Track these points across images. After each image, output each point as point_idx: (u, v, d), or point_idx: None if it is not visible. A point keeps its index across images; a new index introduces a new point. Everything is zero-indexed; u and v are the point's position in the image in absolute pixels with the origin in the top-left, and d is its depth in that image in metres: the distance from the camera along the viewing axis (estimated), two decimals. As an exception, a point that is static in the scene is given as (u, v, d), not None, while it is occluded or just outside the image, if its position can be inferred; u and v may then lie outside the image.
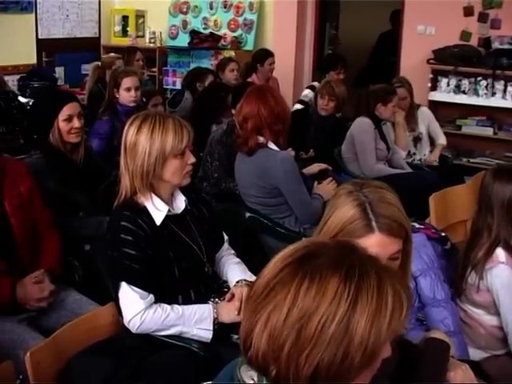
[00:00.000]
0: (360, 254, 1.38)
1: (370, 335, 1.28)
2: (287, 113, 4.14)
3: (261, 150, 4.05)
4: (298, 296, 1.29)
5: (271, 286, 1.33)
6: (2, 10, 8.79)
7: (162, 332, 2.78)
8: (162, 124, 2.83)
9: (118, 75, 5.47)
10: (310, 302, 1.28)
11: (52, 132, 3.91)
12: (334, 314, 1.27)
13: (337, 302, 1.27)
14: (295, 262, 1.34)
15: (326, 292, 1.28)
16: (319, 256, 1.34)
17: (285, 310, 1.29)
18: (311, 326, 1.27)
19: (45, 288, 3.24)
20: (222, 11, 9.57)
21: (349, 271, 1.30)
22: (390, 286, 1.32)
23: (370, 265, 1.34)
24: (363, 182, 2.07)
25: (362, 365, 1.29)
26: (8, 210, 3.30)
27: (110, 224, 2.91)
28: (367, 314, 1.28)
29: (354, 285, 1.29)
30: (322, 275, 1.30)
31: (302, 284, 1.30)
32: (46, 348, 2.51)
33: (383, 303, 1.30)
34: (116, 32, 10.33)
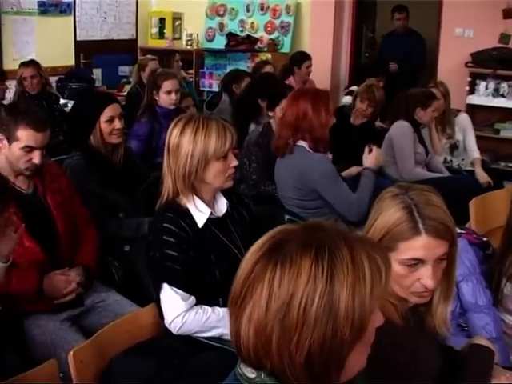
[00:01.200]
0: (327, 230, 1.37)
1: (354, 307, 1.27)
2: (331, 120, 4.14)
3: (297, 152, 4.05)
4: (273, 286, 1.29)
5: (247, 284, 1.34)
6: (42, 12, 8.90)
7: (202, 334, 2.78)
8: (205, 126, 2.83)
9: (157, 78, 5.48)
10: (286, 290, 1.28)
11: (93, 133, 3.95)
12: (313, 295, 1.27)
13: (313, 283, 1.27)
14: (264, 254, 1.34)
15: (300, 275, 1.28)
16: (287, 242, 1.33)
17: (263, 303, 1.30)
18: (293, 313, 1.27)
19: (71, 280, 3.29)
20: (258, 14, 9.57)
21: (318, 249, 1.30)
22: (365, 254, 1.32)
23: (340, 238, 1.33)
24: (408, 185, 2.07)
25: (353, 338, 1.29)
26: (51, 203, 3.37)
27: (153, 225, 2.92)
28: (346, 287, 1.27)
29: (327, 261, 1.28)
30: (293, 260, 1.30)
31: (275, 274, 1.30)
32: (89, 348, 2.54)
33: (360, 273, 1.29)
34: (153, 34, 10.39)
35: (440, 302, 2.06)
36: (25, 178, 3.38)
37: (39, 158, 3.30)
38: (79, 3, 9.44)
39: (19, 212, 3.22)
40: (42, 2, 8.89)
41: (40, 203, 3.37)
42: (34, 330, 3.16)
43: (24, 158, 3.27)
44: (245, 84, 6.73)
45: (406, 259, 1.92)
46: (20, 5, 8.64)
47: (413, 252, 1.92)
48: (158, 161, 5.07)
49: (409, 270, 1.93)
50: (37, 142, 3.29)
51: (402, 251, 1.93)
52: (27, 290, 3.16)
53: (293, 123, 4.05)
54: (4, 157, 3.32)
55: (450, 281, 2.06)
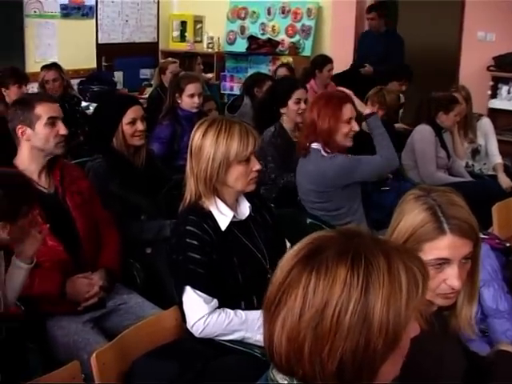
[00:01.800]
0: (364, 237, 1.36)
1: (389, 318, 1.26)
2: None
3: (314, 155, 4.05)
4: (308, 293, 1.28)
5: (282, 290, 1.32)
6: (64, 15, 8.98)
7: (225, 337, 2.78)
8: (227, 129, 2.83)
9: (181, 80, 5.49)
10: (320, 298, 1.27)
11: (116, 135, 3.97)
12: (347, 304, 1.25)
13: (347, 292, 1.26)
14: (300, 260, 1.33)
15: (335, 284, 1.27)
16: (323, 250, 1.32)
17: (297, 310, 1.29)
18: (326, 321, 1.26)
19: (94, 284, 3.30)
20: (279, 17, 9.58)
21: (355, 258, 1.28)
22: (401, 264, 1.30)
23: (377, 247, 1.32)
24: (430, 187, 2.07)
25: (386, 349, 1.28)
26: (70, 204, 3.40)
27: (176, 228, 2.93)
28: (381, 298, 1.26)
29: (363, 271, 1.27)
30: (328, 268, 1.28)
31: (310, 281, 1.28)
32: (111, 350, 2.55)
33: (396, 283, 1.28)
34: (174, 37, 10.44)
35: (464, 303, 2.05)
36: (46, 178, 3.41)
37: (64, 128, 3.39)
38: (101, 6, 9.53)
39: (42, 212, 3.25)
40: (64, 5, 8.97)
41: (60, 204, 3.40)
42: (56, 330, 3.18)
43: (51, 133, 3.35)
44: (266, 87, 6.73)
45: (431, 260, 1.91)
46: (43, 8, 8.72)
47: (438, 252, 1.92)
48: (180, 163, 5.10)
49: (435, 271, 1.92)
50: (56, 111, 3.41)
51: (427, 252, 1.92)
52: (50, 291, 3.17)
53: (308, 127, 4.07)
54: (27, 152, 3.37)
55: (473, 282, 2.05)
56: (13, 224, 2.62)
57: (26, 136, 3.35)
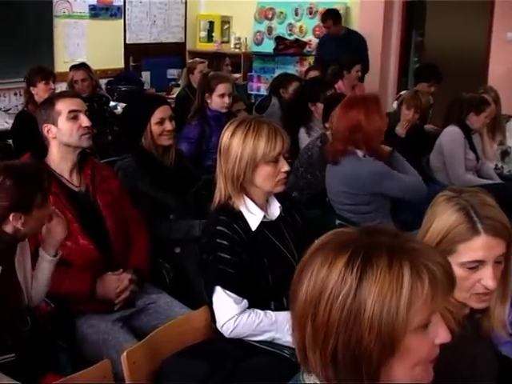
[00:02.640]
0: (382, 236, 1.36)
1: (382, 316, 1.26)
2: (385, 125, 4.10)
3: (351, 158, 4.03)
4: (311, 280, 1.33)
5: (297, 281, 1.40)
6: (93, 15, 9.04)
7: (254, 337, 2.77)
8: (255, 129, 2.81)
9: (211, 80, 5.48)
10: (320, 286, 1.31)
11: (144, 135, 3.98)
12: (338, 294, 1.28)
13: (340, 283, 1.29)
14: (312, 252, 1.38)
15: (331, 273, 1.30)
16: (329, 242, 1.36)
17: (302, 297, 1.34)
18: (321, 309, 1.30)
19: (123, 278, 3.32)
20: (307, 17, 9.57)
21: (355, 251, 1.31)
22: (410, 265, 1.29)
23: (387, 246, 1.32)
24: (460, 188, 2.07)
25: (383, 350, 1.28)
26: (100, 203, 3.42)
27: (206, 228, 2.92)
28: (374, 294, 1.27)
29: (359, 265, 1.29)
30: (329, 257, 1.32)
31: (314, 269, 1.33)
32: (142, 349, 2.55)
33: (395, 283, 1.28)
34: (201, 37, 10.47)
35: (497, 304, 2.03)
36: (77, 177, 3.43)
37: (86, 120, 3.40)
38: (129, 7, 9.58)
39: (73, 209, 3.27)
40: (93, 5, 9.03)
41: (91, 202, 3.42)
42: (86, 329, 3.19)
43: (74, 126, 3.36)
44: (292, 88, 6.73)
45: (466, 261, 1.91)
46: (72, 8, 8.78)
47: (473, 253, 1.91)
48: (208, 163, 5.12)
49: (469, 271, 1.91)
50: (76, 104, 3.43)
51: (461, 253, 1.92)
52: (80, 290, 3.19)
53: (346, 136, 4.01)
54: (56, 150, 3.40)
55: (506, 283, 2.04)
56: (27, 215, 2.63)
57: (52, 134, 3.38)
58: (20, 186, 2.60)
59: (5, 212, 2.59)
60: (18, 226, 2.62)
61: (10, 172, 2.62)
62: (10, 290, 2.75)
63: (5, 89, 8.09)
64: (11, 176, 2.60)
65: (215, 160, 5.10)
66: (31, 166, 2.79)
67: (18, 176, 2.62)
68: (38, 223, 2.76)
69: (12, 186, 2.58)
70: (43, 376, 2.78)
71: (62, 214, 3.22)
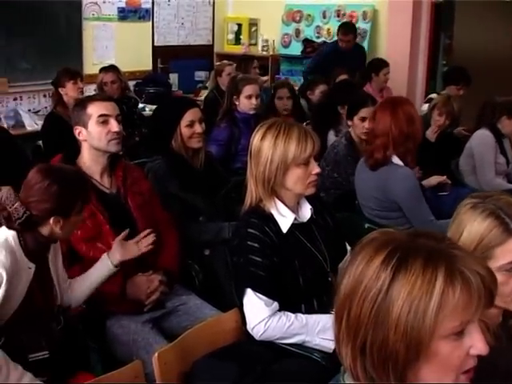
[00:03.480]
0: (429, 239, 1.36)
1: (408, 317, 1.26)
2: (419, 132, 4.06)
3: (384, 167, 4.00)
4: (351, 274, 1.35)
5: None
6: (121, 18, 9.08)
7: (285, 340, 2.77)
8: (286, 132, 2.82)
9: (238, 82, 5.51)
10: (355, 280, 1.33)
11: (174, 137, 3.99)
12: (369, 291, 1.30)
13: (373, 280, 1.30)
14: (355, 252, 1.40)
15: (367, 269, 1.32)
16: (372, 240, 1.38)
17: (343, 291, 1.36)
18: (355, 302, 1.31)
19: (153, 280, 3.33)
20: (335, 20, 9.53)
21: (392, 251, 1.32)
22: (445, 270, 1.29)
23: (424, 249, 1.32)
24: (483, 194, 2.06)
25: (408, 353, 1.28)
26: (131, 204, 3.44)
27: (237, 230, 2.93)
28: (403, 294, 1.27)
29: (393, 265, 1.30)
30: (367, 255, 1.34)
31: (353, 265, 1.36)
32: (173, 350, 2.57)
33: (425, 287, 1.28)
34: (229, 40, 10.47)
35: None
36: (108, 178, 3.45)
37: (116, 125, 3.40)
38: (157, 9, 9.61)
39: (104, 211, 3.29)
40: (121, 8, 9.08)
41: (122, 204, 3.44)
42: (116, 329, 3.20)
43: (103, 131, 3.37)
44: (319, 90, 6.72)
45: (505, 264, 1.89)
46: (101, 11, 8.83)
47: (511, 254, 1.90)
48: (237, 166, 5.13)
49: (508, 275, 1.90)
50: (107, 108, 3.42)
51: (499, 257, 1.91)
52: (111, 291, 3.21)
53: (384, 137, 3.98)
54: (87, 152, 3.42)
55: None
56: (66, 220, 2.67)
57: (83, 136, 3.40)
58: (65, 193, 2.65)
59: (46, 214, 2.63)
60: (57, 229, 2.66)
61: (58, 177, 2.67)
62: (44, 289, 2.78)
63: (34, 91, 8.16)
64: (58, 181, 2.65)
65: (244, 162, 5.14)
66: (77, 174, 2.84)
67: (64, 182, 2.67)
68: (73, 228, 2.83)
69: (57, 191, 2.62)
70: (74, 374, 2.81)
71: (94, 216, 3.26)
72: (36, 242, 2.68)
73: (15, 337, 2.62)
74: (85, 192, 2.78)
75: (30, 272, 2.67)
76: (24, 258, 2.65)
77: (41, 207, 2.62)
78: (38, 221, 2.65)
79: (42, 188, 2.63)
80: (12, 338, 2.60)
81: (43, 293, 2.76)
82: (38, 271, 2.70)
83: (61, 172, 2.74)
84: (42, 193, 2.62)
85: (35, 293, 2.70)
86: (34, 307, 2.69)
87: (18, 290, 2.64)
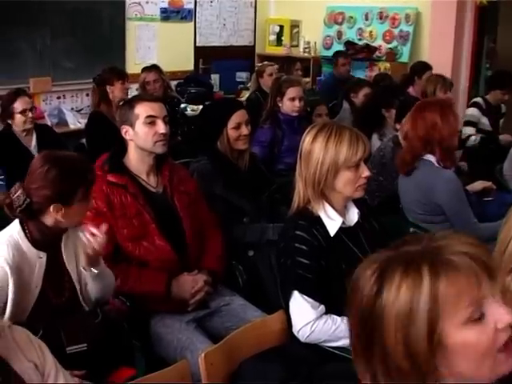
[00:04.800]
0: (402, 247, 1.40)
1: (399, 324, 1.29)
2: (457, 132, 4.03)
3: (424, 167, 3.97)
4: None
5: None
6: (164, 18, 9.13)
7: (330, 343, 2.77)
8: (337, 134, 2.81)
9: (281, 84, 5.50)
10: (354, 294, 1.40)
11: (220, 139, 4.00)
12: (362, 305, 1.36)
13: (364, 296, 1.37)
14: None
15: (359, 288, 1.40)
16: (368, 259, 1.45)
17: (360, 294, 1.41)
18: (352, 317, 1.42)
19: (198, 279, 3.33)
20: (377, 22, 9.48)
21: (376, 269, 1.38)
22: (429, 267, 1.30)
23: (403, 256, 1.36)
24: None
25: (417, 357, 1.29)
26: (178, 204, 3.44)
27: (284, 232, 2.92)
28: (390, 303, 1.30)
29: (375, 279, 1.36)
30: (361, 274, 1.43)
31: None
32: (219, 350, 2.57)
33: (412, 288, 1.30)
34: (270, 41, 10.47)
35: None
36: (155, 177, 3.47)
37: (163, 126, 3.40)
38: (199, 10, 9.64)
39: (151, 210, 3.31)
40: (164, 8, 9.12)
41: (168, 203, 3.45)
42: (160, 328, 3.22)
43: (150, 132, 3.37)
44: (363, 93, 6.69)
45: None
46: (143, 11, 8.89)
47: None
48: (280, 167, 5.13)
49: None
50: (154, 110, 3.42)
51: None
52: (157, 290, 3.23)
53: (422, 136, 3.95)
54: (134, 151, 3.44)
55: None
56: (68, 207, 2.67)
57: (129, 136, 3.41)
58: (64, 178, 2.64)
59: (46, 201, 2.63)
60: (59, 217, 2.66)
61: (57, 163, 2.66)
62: (60, 278, 2.82)
63: (77, 89, 8.24)
64: (57, 167, 2.64)
65: (287, 164, 5.18)
66: (78, 160, 2.80)
67: (63, 168, 2.65)
68: (79, 216, 2.79)
69: (56, 177, 2.62)
70: (116, 369, 2.83)
71: (140, 215, 3.27)
72: (41, 231, 2.70)
73: (53, 330, 2.65)
74: (87, 179, 2.73)
75: (41, 261, 2.71)
76: (32, 249, 2.69)
77: (40, 193, 2.62)
78: (39, 208, 2.65)
79: (42, 173, 2.62)
80: (50, 330, 2.62)
81: (60, 282, 2.80)
82: (50, 260, 2.73)
83: (62, 158, 2.72)
84: (42, 178, 2.62)
85: (51, 281, 2.74)
86: (48, 296, 2.73)
87: (34, 281, 2.68)
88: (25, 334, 1.94)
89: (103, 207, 3.26)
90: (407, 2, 9.10)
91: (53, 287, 2.76)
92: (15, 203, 2.63)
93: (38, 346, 2.01)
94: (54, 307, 2.75)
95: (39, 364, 1.92)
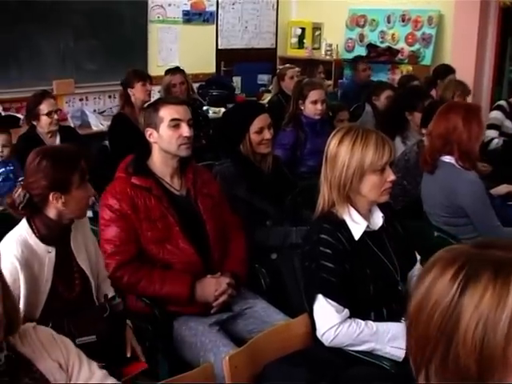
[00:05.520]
0: (486, 250, 1.32)
1: (476, 331, 1.22)
2: (481, 135, 4.03)
3: (446, 169, 3.96)
4: (419, 293, 1.32)
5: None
6: (186, 21, 9.16)
7: (354, 347, 2.76)
8: (363, 138, 2.80)
9: (304, 87, 5.49)
10: (425, 296, 1.30)
11: (243, 143, 4.00)
12: (439, 306, 1.27)
13: (443, 295, 1.27)
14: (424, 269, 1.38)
15: (437, 286, 1.29)
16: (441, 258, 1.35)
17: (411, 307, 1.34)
18: (423, 319, 1.29)
19: (222, 282, 3.33)
20: (399, 25, 9.44)
21: (460, 266, 1.29)
22: None
23: (493, 259, 1.28)
24: None
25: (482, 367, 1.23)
26: (201, 207, 3.45)
27: (309, 235, 2.92)
28: (472, 307, 1.23)
29: (462, 278, 1.26)
30: (439, 272, 1.31)
31: (423, 283, 1.33)
32: (243, 353, 2.57)
33: (497, 297, 1.23)
34: (292, 44, 10.46)
35: None
36: (179, 180, 3.47)
37: (188, 130, 3.41)
38: (221, 12, 9.66)
39: (174, 213, 3.31)
40: (186, 11, 9.15)
41: (191, 206, 3.45)
42: (184, 330, 3.22)
43: (174, 135, 3.38)
44: (385, 96, 6.66)
45: None
46: (166, 14, 8.91)
47: None
48: (302, 170, 5.12)
49: None
50: (179, 113, 3.42)
51: None
52: (180, 292, 3.23)
53: (443, 136, 3.96)
54: (158, 154, 3.44)
55: None
56: (67, 194, 2.73)
57: (154, 139, 3.41)
58: (56, 166, 2.71)
59: (45, 191, 2.70)
60: (59, 205, 2.72)
61: (47, 153, 2.75)
62: (70, 272, 2.86)
63: (100, 91, 8.29)
64: (48, 157, 2.72)
65: (309, 166, 5.17)
66: (67, 148, 2.89)
67: (53, 156, 2.74)
68: (79, 204, 2.83)
69: (48, 166, 2.70)
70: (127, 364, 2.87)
71: (164, 218, 3.28)
72: (47, 226, 2.76)
73: (63, 321, 2.69)
74: (79, 165, 2.78)
75: (51, 256, 2.76)
76: (40, 244, 2.74)
77: (37, 185, 2.70)
78: (40, 201, 2.72)
79: (35, 166, 2.71)
80: (60, 322, 2.66)
81: (70, 275, 2.85)
82: (59, 254, 2.79)
83: (52, 149, 2.86)
84: (36, 171, 2.70)
85: (61, 275, 2.79)
86: (59, 290, 2.77)
87: (44, 276, 2.73)
88: (49, 333, 1.96)
89: (127, 209, 3.27)
90: (430, 4, 9.06)
91: (63, 282, 2.81)
92: (17, 201, 2.71)
93: (61, 343, 2.02)
94: (66, 302, 2.80)
95: (63, 363, 1.93)
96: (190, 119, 3.46)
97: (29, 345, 1.79)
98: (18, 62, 7.41)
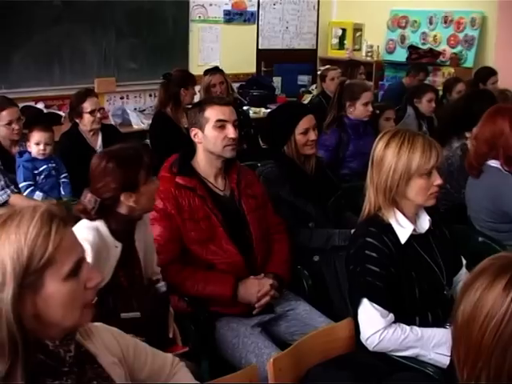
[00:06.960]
0: None
1: None
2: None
3: (492, 173, 3.91)
4: (469, 301, 1.33)
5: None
6: (227, 20, 9.19)
7: (398, 352, 2.73)
8: (410, 141, 2.78)
9: (355, 88, 5.42)
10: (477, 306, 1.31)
11: (288, 144, 3.99)
12: (493, 317, 1.27)
13: (496, 305, 1.27)
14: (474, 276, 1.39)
15: (488, 296, 1.29)
16: (491, 265, 1.36)
17: (459, 315, 1.35)
18: (475, 330, 1.29)
19: (265, 283, 3.32)
20: (441, 26, 9.35)
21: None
22: None
23: None
24: None
25: None
26: (245, 207, 3.45)
27: (354, 239, 2.90)
28: None
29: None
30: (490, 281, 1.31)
31: (473, 291, 1.33)
32: (287, 356, 2.56)
33: None
34: (333, 44, 10.42)
35: None
36: (223, 180, 3.48)
37: (233, 131, 3.39)
38: (262, 13, 9.68)
39: (218, 213, 3.31)
40: (227, 11, 9.18)
41: (235, 206, 3.45)
42: (226, 331, 3.23)
43: (219, 136, 3.37)
44: (426, 98, 6.60)
45: None
46: (207, 13, 8.96)
47: None
48: (344, 172, 5.09)
49: None
50: (225, 114, 3.41)
51: None
52: (223, 293, 3.23)
53: (489, 140, 3.92)
54: (202, 154, 3.45)
55: None
56: (136, 192, 2.77)
57: (198, 139, 3.41)
58: (122, 167, 2.75)
59: (115, 193, 2.75)
60: (131, 203, 2.77)
61: (111, 156, 2.78)
62: (132, 265, 2.91)
63: (140, 90, 8.36)
64: (112, 159, 2.76)
65: (351, 169, 5.14)
66: (129, 148, 2.91)
67: (118, 158, 2.77)
68: (149, 199, 2.88)
69: (115, 168, 2.74)
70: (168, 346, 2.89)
71: (208, 218, 3.29)
72: (119, 222, 2.81)
73: (108, 298, 2.72)
74: (144, 161, 2.82)
75: (117, 251, 2.81)
76: (110, 237, 2.79)
77: (107, 189, 2.74)
78: (112, 203, 2.77)
79: (102, 170, 2.75)
80: (106, 297, 2.68)
81: (131, 268, 2.90)
82: (124, 249, 2.84)
83: (114, 151, 2.84)
84: (104, 174, 2.74)
85: (124, 268, 2.84)
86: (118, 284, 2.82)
87: (107, 268, 2.76)
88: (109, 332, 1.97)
89: (171, 209, 3.28)
90: (473, 5, 8.95)
91: (124, 274, 2.86)
92: (88, 207, 2.75)
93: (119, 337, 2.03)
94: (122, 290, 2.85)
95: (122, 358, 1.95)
96: (236, 120, 3.45)
97: (91, 341, 1.82)
98: (60, 60, 7.53)
